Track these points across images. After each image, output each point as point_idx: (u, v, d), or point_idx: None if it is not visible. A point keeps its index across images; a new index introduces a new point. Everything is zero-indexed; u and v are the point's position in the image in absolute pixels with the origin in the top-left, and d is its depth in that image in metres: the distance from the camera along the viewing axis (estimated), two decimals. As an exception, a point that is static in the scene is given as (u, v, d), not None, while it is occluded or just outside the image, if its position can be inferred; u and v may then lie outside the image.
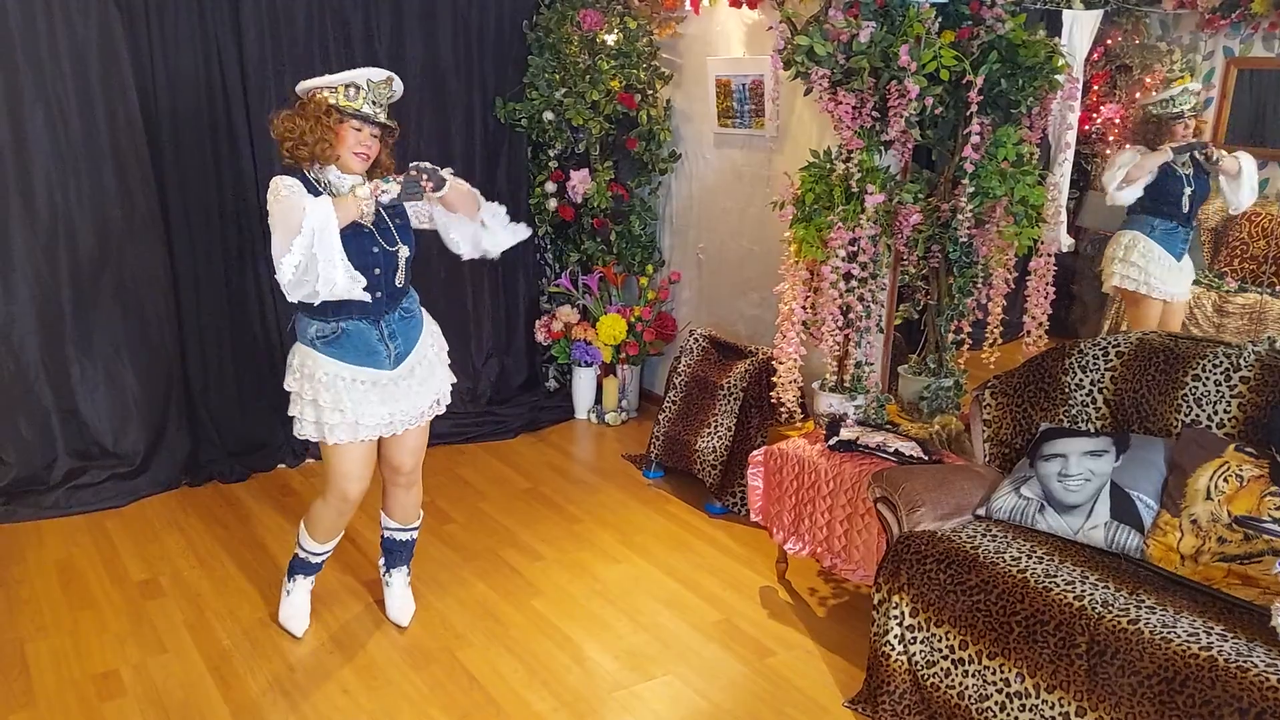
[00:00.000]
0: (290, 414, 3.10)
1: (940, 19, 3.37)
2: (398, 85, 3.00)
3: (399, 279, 3.06)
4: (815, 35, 3.41)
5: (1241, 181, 4.00)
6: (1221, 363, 2.95)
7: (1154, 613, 2.45)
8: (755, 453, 3.71)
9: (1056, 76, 3.46)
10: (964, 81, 3.37)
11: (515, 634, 3.38)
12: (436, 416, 3.25)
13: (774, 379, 3.88)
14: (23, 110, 4.00)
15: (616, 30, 4.94)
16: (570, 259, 5.47)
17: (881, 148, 3.58)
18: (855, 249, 3.55)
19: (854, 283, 3.60)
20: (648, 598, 3.62)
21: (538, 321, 5.50)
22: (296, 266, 2.68)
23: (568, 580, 3.74)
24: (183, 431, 4.54)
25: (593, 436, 5.30)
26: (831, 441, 3.50)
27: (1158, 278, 4.21)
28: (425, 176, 2.93)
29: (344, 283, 2.76)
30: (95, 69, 4.08)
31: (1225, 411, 2.90)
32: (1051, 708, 2.46)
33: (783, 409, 3.89)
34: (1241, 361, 2.91)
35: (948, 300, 3.79)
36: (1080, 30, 3.73)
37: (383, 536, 3.47)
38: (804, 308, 3.76)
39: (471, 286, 5.32)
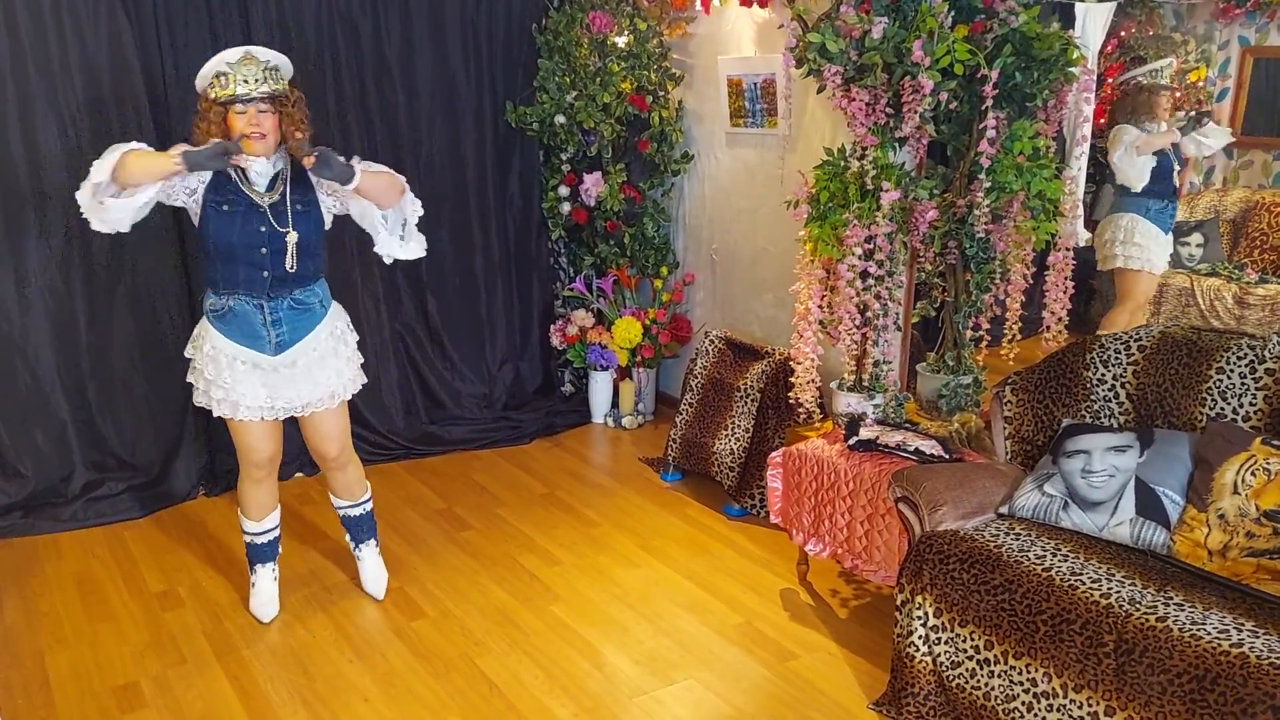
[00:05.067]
0: (188, 380, 3.25)
1: (953, 13, 3.34)
2: (262, 54, 3.00)
3: (287, 263, 3.12)
4: (827, 32, 3.39)
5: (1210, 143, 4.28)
6: (1246, 355, 2.91)
7: (1182, 610, 2.41)
8: (774, 454, 3.69)
9: (1071, 69, 3.42)
10: (978, 76, 3.34)
11: (534, 640, 3.36)
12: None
13: (791, 379, 3.86)
14: (35, 121, 4.01)
15: (626, 32, 4.93)
16: (584, 262, 5.46)
17: (896, 144, 3.55)
18: (871, 247, 3.53)
19: (871, 281, 3.58)
20: (667, 602, 3.60)
21: (552, 326, 5.49)
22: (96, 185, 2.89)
23: (586, 585, 3.73)
24: (199, 441, 4.54)
25: (609, 440, 5.28)
26: (851, 441, 3.47)
27: (1157, 255, 4.28)
28: (327, 161, 2.95)
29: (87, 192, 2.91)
30: (106, 79, 4.09)
31: (1251, 404, 2.86)
32: (1080, 707, 2.43)
33: (800, 409, 3.86)
34: (1266, 354, 2.87)
35: (965, 297, 3.76)
36: (1093, 22, 3.70)
37: (339, 515, 3.61)
38: (820, 307, 3.74)
39: (485, 292, 5.31)
